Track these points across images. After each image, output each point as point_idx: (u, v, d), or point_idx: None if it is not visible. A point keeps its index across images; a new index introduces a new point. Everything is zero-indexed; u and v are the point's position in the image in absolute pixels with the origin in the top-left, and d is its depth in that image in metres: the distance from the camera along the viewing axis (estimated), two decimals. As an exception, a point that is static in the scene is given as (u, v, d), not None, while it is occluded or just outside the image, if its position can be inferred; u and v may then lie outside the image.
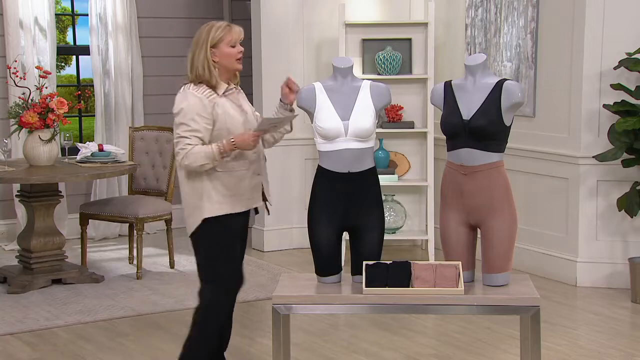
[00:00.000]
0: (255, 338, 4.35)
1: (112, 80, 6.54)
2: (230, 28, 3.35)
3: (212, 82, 3.33)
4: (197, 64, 3.35)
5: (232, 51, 3.35)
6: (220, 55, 3.34)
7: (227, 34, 3.33)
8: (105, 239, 6.59)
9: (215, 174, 3.32)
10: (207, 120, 3.30)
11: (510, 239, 3.11)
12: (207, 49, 3.33)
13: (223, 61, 3.35)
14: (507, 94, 3.07)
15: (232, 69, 3.37)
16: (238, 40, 3.36)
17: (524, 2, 5.41)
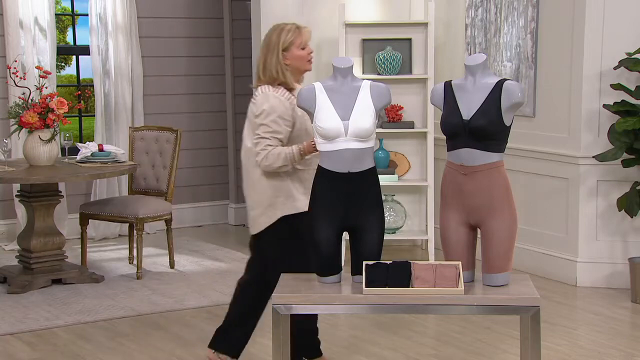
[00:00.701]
0: (255, 338, 4.34)
1: (112, 80, 6.54)
2: (300, 30, 3.44)
3: (288, 84, 3.42)
4: (271, 67, 3.44)
5: (303, 53, 3.45)
6: (292, 58, 3.44)
7: (297, 37, 3.43)
8: (105, 239, 6.59)
9: (296, 172, 3.43)
10: (287, 122, 3.40)
11: (510, 239, 3.11)
12: (279, 52, 3.43)
13: (294, 63, 3.45)
14: (507, 94, 3.06)
15: (303, 70, 3.48)
16: (307, 42, 3.46)
17: (524, 2, 5.41)
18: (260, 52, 3.51)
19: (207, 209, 7.18)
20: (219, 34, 7.06)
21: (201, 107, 7.07)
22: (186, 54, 6.96)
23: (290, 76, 3.43)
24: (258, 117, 3.43)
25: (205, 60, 7.04)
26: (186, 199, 7.02)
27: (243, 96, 7.02)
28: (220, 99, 7.15)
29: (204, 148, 7.11)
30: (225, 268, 5.71)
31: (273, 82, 3.43)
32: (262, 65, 3.46)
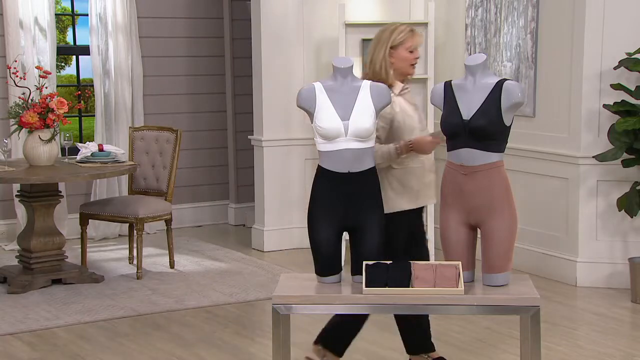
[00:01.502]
0: (255, 338, 4.35)
1: (112, 80, 6.54)
2: (413, 33, 3.47)
3: (389, 82, 3.43)
4: (376, 62, 3.46)
5: (409, 56, 3.46)
6: (397, 58, 3.45)
7: (408, 39, 3.45)
8: (105, 239, 6.59)
9: (391, 171, 3.45)
10: (385, 120, 3.41)
11: (510, 239, 3.11)
12: (386, 48, 3.44)
13: (399, 63, 3.46)
14: (507, 94, 3.06)
15: (406, 72, 3.49)
16: (417, 46, 3.48)
17: (524, 2, 5.41)
18: (370, 46, 3.54)
19: (207, 209, 7.18)
20: (219, 34, 7.06)
21: (201, 107, 7.07)
22: (186, 54, 6.96)
23: (392, 75, 3.45)
24: None
25: (205, 60, 7.04)
26: (186, 199, 7.02)
27: (243, 96, 7.02)
28: (221, 99, 7.15)
29: (204, 148, 7.11)
30: (225, 268, 5.71)
31: (375, 77, 3.43)
32: (370, 59, 3.50)
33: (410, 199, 3.48)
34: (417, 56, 3.49)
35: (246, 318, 4.71)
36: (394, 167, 3.45)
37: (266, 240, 6.22)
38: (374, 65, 3.46)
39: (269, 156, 6.20)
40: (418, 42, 3.48)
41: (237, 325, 4.56)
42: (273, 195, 6.22)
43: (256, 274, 5.55)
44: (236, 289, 5.17)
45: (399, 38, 3.44)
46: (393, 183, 3.46)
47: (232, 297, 5.03)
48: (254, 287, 5.22)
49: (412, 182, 3.47)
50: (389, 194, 3.44)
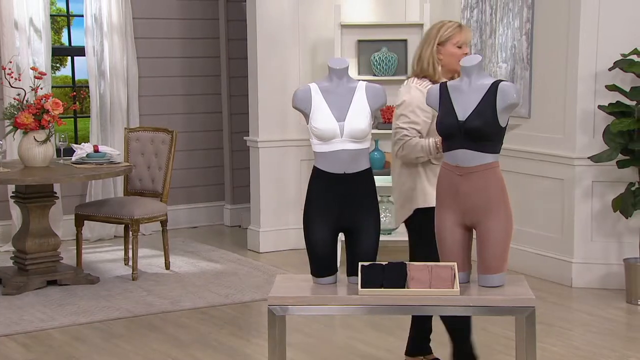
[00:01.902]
0: (251, 339, 4.34)
1: (108, 81, 6.53)
2: (461, 29, 3.45)
3: (435, 78, 3.42)
4: (424, 59, 3.45)
5: (457, 52, 3.43)
6: (445, 54, 3.43)
7: (456, 34, 3.43)
8: (100, 240, 6.58)
9: (430, 166, 3.44)
10: (426, 114, 3.40)
11: (506, 240, 3.11)
12: (434, 45, 3.44)
13: (447, 60, 3.44)
14: (503, 95, 3.07)
15: (454, 69, 3.45)
16: (466, 42, 3.45)
17: (519, 3, 5.42)
18: (418, 44, 3.54)
19: (203, 210, 7.18)
20: (214, 35, 7.06)
21: (197, 108, 7.06)
22: (182, 55, 6.96)
23: (440, 71, 3.43)
24: (398, 107, 3.49)
25: (201, 61, 7.03)
26: (182, 200, 7.02)
27: (239, 97, 7.02)
28: (216, 100, 7.14)
29: (200, 149, 7.11)
30: (221, 269, 5.70)
31: (423, 74, 3.44)
32: (417, 56, 3.49)
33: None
34: (466, 52, 3.46)
35: (242, 319, 4.71)
36: (432, 163, 3.44)
37: (262, 241, 6.22)
38: (422, 62, 3.46)
39: (264, 157, 6.20)
40: (466, 38, 3.45)
41: (233, 326, 4.56)
42: (269, 196, 6.22)
43: (252, 275, 5.55)
44: (232, 290, 5.17)
45: (446, 34, 3.43)
46: (431, 178, 3.44)
47: (227, 298, 5.02)
48: (250, 288, 5.22)
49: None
50: (427, 187, 3.44)
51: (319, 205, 3.16)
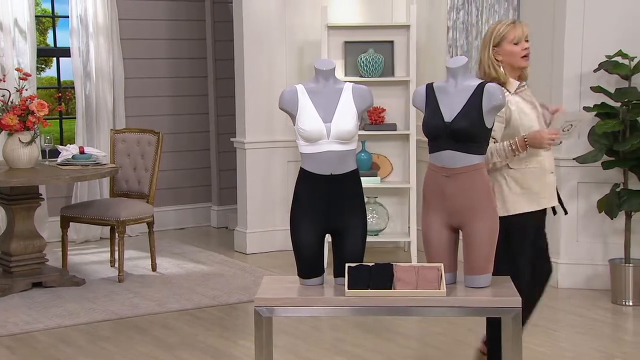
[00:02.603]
0: (237, 341, 4.34)
1: (93, 82, 6.50)
2: (514, 25, 3.36)
3: (501, 80, 3.34)
4: (483, 63, 3.39)
5: (515, 49, 3.34)
6: (504, 54, 3.36)
7: (509, 32, 3.35)
8: (86, 241, 6.55)
9: (508, 171, 3.35)
10: (500, 119, 3.32)
11: (492, 241, 3.12)
12: (489, 48, 3.37)
13: (507, 59, 3.36)
14: (488, 97, 3.08)
15: (517, 66, 3.37)
16: (522, 37, 3.35)
17: (504, 5, 5.44)
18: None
19: (190, 212, 7.16)
20: (201, 36, 7.04)
21: (183, 109, 7.05)
22: (168, 56, 6.94)
23: (502, 72, 3.35)
24: None
25: (188, 62, 7.02)
26: (168, 202, 7.00)
27: (225, 98, 7.01)
28: (203, 101, 7.13)
29: (186, 150, 7.09)
30: (208, 271, 5.69)
31: (487, 77, 3.36)
32: (478, 62, 3.44)
33: (531, 201, 3.36)
34: (525, 47, 3.35)
35: (228, 321, 4.70)
36: (511, 167, 3.34)
37: (249, 242, 6.21)
38: (483, 67, 3.39)
39: (251, 158, 6.19)
40: (521, 33, 3.35)
41: (220, 327, 4.55)
42: (255, 198, 6.21)
43: (239, 276, 5.54)
44: (218, 292, 5.16)
45: (500, 33, 3.35)
46: (510, 183, 3.35)
47: (214, 299, 5.01)
48: (237, 289, 5.21)
49: (531, 182, 3.35)
50: (507, 194, 3.35)
51: (306, 206, 3.16)
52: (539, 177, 3.35)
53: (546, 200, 3.39)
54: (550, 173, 3.39)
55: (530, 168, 3.35)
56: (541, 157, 3.35)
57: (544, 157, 3.36)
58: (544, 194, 3.37)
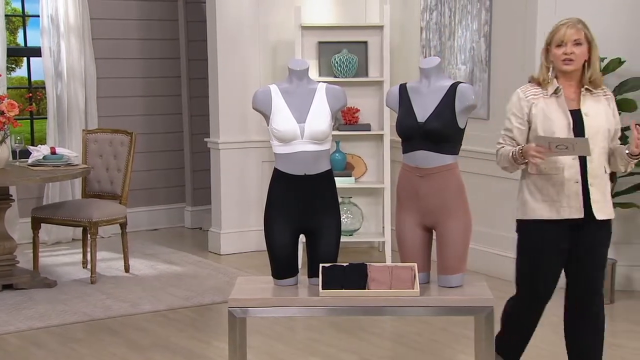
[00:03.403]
0: (211, 342, 4.32)
1: (65, 82, 6.44)
2: (559, 27, 3.21)
3: (542, 82, 3.22)
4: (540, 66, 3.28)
5: (557, 51, 3.19)
6: (552, 57, 3.22)
7: (555, 34, 3.21)
8: (58, 243, 6.48)
9: (529, 177, 3.24)
10: (520, 120, 3.23)
11: (465, 241, 3.14)
12: (544, 50, 3.25)
13: (555, 63, 3.22)
14: (461, 97, 3.09)
15: (558, 69, 3.22)
16: (566, 40, 3.17)
17: (477, 6, 5.48)
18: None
19: (163, 212, 7.12)
20: (174, 36, 7.01)
21: (156, 109, 7.00)
22: (141, 56, 6.89)
23: (549, 75, 3.22)
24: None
25: (161, 62, 6.98)
26: (141, 202, 6.95)
27: (199, 98, 6.97)
28: (176, 101, 7.09)
29: (160, 150, 7.04)
30: (181, 272, 5.66)
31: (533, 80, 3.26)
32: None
33: (551, 209, 3.20)
34: (566, 51, 3.16)
35: (202, 322, 4.68)
36: (531, 173, 3.21)
37: (223, 243, 6.19)
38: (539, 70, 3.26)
39: (225, 159, 6.17)
40: (562, 35, 3.17)
41: (193, 329, 4.53)
42: (230, 198, 6.19)
43: (212, 277, 5.51)
44: (192, 293, 5.13)
45: (549, 36, 3.22)
46: (530, 187, 3.24)
47: (188, 300, 4.98)
48: (211, 290, 5.19)
49: (551, 190, 3.20)
50: (527, 198, 3.24)
51: (280, 206, 3.16)
52: (559, 185, 3.19)
53: (567, 210, 3.19)
54: (574, 182, 3.18)
55: (549, 175, 3.20)
56: (560, 164, 3.18)
57: (565, 165, 3.18)
58: (566, 203, 3.19)
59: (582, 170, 3.18)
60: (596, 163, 3.19)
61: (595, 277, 3.30)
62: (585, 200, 3.19)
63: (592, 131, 3.18)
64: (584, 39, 3.19)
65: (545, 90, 3.21)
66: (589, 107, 3.20)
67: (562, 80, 3.23)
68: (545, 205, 3.21)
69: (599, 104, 3.23)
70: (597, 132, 3.19)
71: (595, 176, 3.20)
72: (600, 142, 3.20)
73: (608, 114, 3.24)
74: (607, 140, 3.23)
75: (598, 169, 3.20)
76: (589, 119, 3.19)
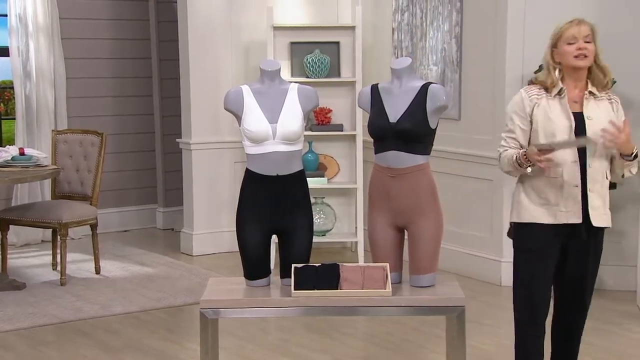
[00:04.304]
0: (184, 343, 4.29)
1: (34, 82, 6.37)
2: (571, 24, 3.13)
3: (547, 83, 3.12)
4: (544, 67, 3.19)
5: (569, 48, 3.09)
6: (560, 55, 3.12)
7: (565, 30, 3.11)
8: (27, 245, 6.41)
9: (528, 179, 3.13)
10: (522, 120, 3.13)
11: (437, 240, 3.16)
12: (549, 49, 3.16)
13: (563, 60, 3.12)
14: (432, 98, 3.11)
15: (571, 66, 3.10)
16: (579, 36, 3.09)
17: (448, 7, 5.51)
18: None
19: (134, 213, 7.06)
20: (145, 36, 6.96)
21: (128, 109, 6.95)
22: (111, 56, 6.83)
23: (556, 75, 3.12)
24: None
25: (132, 62, 6.92)
26: (112, 203, 6.89)
27: (171, 99, 6.93)
28: (148, 102, 7.04)
29: (131, 151, 6.99)
30: (153, 273, 5.62)
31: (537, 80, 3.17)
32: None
33: (549, 213, 3.10)
34: (580, 47, 3.07)
35: (174, 323, 4.65)
36: (530, 175, 3.10)
37: (195, 244, 6.16)
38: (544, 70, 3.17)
39: (197, 159, 6.14)
40: (577, 32, 3.09)
41: (165, 330, 4.50)
42: (202, 199, 6.17)
43: (185, 278, 5.48)
44: (164, 294, 5.10)
45: (557, 34, 3.13)
46: (528, 190, 3.13)
47: (159, 302, 4.95)
48: (182, 291, 5.16)
49: (549, 193, 3.09)
50: (524, 201, 3.14)
51: (252, 207, 3.15)
52: (558, 189, 3.07)
53: (564, 215, 3.09)
54: (573, 186, 3.06)
55: (547, 177, 3.09)
56: (560, 167, 3.06)
57: (564, 167, 3.07)
58: (564, 207, 3.08)
59: (581, 175, 3.08)
60: (596, 167, 3.09)
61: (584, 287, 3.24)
62: (584, 206, 3.09)
63: (594, 135, 3.06)
64: (592, 37, 3.12)
65: (549, 91, 3.13)
66: (591, 111, 3.11)
67: (568, 81, 3.13)
68: (542, 209, 3.11)
69: (602, 108, 3.13)
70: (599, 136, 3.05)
71: (594, 181, 3.09)
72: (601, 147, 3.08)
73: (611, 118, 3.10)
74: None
75: (597, 173, 3.10)
76: (591, 123, 3.08)
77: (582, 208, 3.09)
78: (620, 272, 5.10)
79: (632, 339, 4.34)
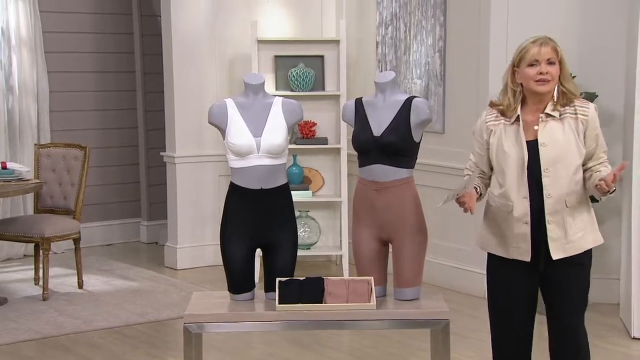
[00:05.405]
0: (167, 358, 4.26)
1: (16, 95, 6.34)
2: (534, 45, 2.90)
3: (504, 107, 2.94)
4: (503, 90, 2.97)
5: (530, 71, 2.87)
6: (521, 76, 2.90)
7: (527, 52, 2.89)
8: (9, 259, 6.35)
9: (489, 207, 3.03)
10: (480, 146, 3.02)
11: (421, 254, 3.16)
12: (509, 69, 2.96)
13: (524, 83, 2.90)
14: (416, 111, 3.12)
15: (531, 92, 2.90)
16: (540, 59, 2.87)
17: (432, 22, 5.55)
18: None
19: (118, 227, 7.02)
20: (129, 50, 6.94)
21: (111, 123, 6.92)
22: (95, 70, 6.81)
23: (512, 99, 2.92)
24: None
25: (115, 75, 6.90)
26: (96, 217, 6.85)
27: (155, 112, 6.91)
28: (132, 115, 7.02)
29: (115, 165, 6.96)
30: (137, 287, 5.58)
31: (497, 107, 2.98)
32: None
33: (500, 244, 2.98)
34: (542, 71, 2.85)
35: (158, 338, 4.62)
36: (490, 204, 3.02)
37: (179, 258, 6.13)
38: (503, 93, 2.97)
39: (181, 173, 6.13)
40: (536, 53, 2.86)
41: (148, 345, 4.47)
42: (186, 213, 6.14)
43: (168, 292, 5.45)
44: (148, 309, 5.07)
45: (519, 53, 2.91)
46: (488, 219, 3.04)
47: (143, 316, 4.92)
48: (166, 306, 5.13)
49: (502, 225, 2.95)
50: (482, 229, 3.07)
51: (236, 221, 3.14)
52: (509, 223, 2.93)
53: (515, 250, 2.93)
54: (523, 223, 2.89)
55: (501, 211, 2.96)
56: (511, 202, 2.92)
57: (514, 204, 2.91)
58: (515, 243, 2.93)
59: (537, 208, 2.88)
60: (555, 198, 2.87)
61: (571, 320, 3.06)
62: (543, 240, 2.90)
63: (550, 162, 2.87)
64: (556, 58, 2.91)
65: (507, 116, 2.95)
66: (546, 136, 2.88)
67: (530, 104, 2.93)
68: (495, 240, 3.01)
69: (560, 131, 2.89)
70: (556, 161, 2.87)
71: (554, 213, 2.88)
72: (561, 172, 2.87)
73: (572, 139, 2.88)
74: (571, 169, 2.88)
75: (557, 203, 2.88)
76: (546, 150, 2.87)
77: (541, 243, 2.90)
78: (603, 285, 5.12)
79: (616, 352, 4.36)
